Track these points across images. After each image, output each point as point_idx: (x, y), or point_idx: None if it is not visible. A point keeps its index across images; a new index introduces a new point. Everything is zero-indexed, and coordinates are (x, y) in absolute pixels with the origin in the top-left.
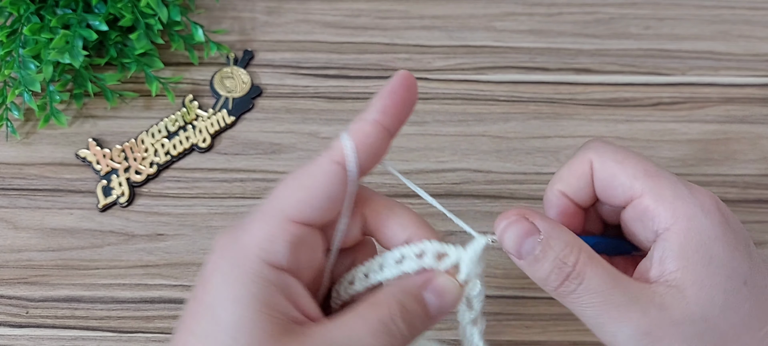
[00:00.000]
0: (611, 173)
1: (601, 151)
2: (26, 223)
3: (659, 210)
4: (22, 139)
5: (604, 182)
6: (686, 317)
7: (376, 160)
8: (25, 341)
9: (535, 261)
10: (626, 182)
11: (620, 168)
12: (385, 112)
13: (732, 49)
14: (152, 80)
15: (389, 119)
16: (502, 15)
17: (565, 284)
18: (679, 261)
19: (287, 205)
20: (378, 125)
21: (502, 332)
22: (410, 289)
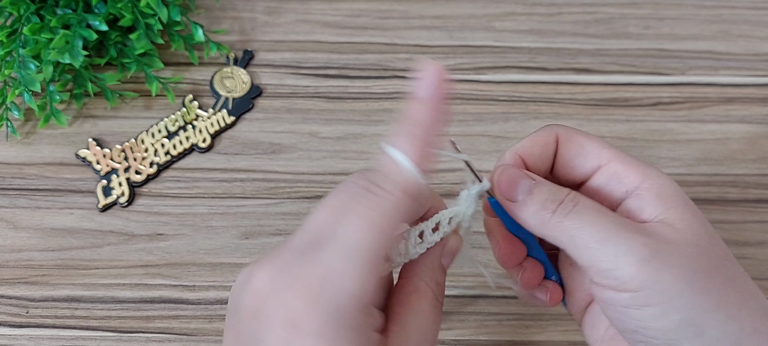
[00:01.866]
0: (579, 143)
1: (567, 128)
2: (26, 223)
3: (629, 172)
4: (22, 139)
5: (571, 152)
6: (682, 243)
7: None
8: (25, 340)
9: (530, 195)
10: (594, 150)
11: (587, 139)
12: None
13: (732, 49)
14: (152, 80)
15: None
16: (502, 15)
17: (563, 205)
18: (659, 205)
19: (375, 253)
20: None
21: (502, 332)
22: (435, 264)
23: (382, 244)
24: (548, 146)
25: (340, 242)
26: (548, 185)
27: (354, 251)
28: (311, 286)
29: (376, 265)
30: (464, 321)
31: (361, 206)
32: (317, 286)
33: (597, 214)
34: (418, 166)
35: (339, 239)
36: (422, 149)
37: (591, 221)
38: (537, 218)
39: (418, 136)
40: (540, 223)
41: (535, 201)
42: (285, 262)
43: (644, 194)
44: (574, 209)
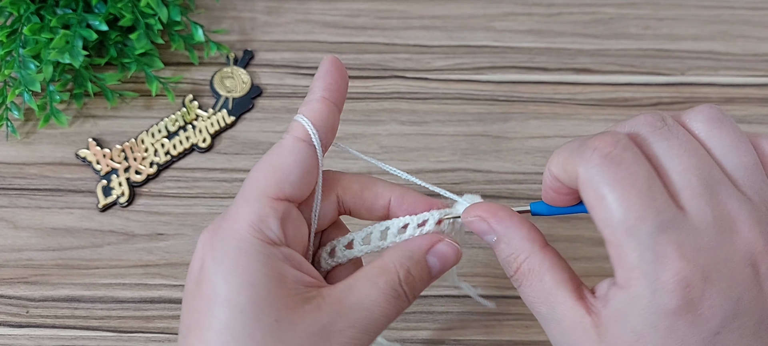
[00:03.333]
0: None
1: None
2: (26, 222)
3: (617, 268)
4: (22, 139)
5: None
6: None
7: (333, 134)
8: (25, 340)
9: (494, 250)
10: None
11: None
12: (329, 89)
13: (732, 49)
14: (152, 80)
15: (334, 95)
16: (501, 15)
17: (511, 280)
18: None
19: (267, 185)
20: (326, 101)
21: (502, 332)
22: (416, 254)
23: (276, 179)
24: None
25: (244, 185)
26: (504, 248)
27: (250, 186)
28: (215, 224)
29: (270, 197)
30: (464, 321)
31: (266, 155)
32: (218, 221)
33: (531, 298)
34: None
35: (244, 184)
36: (314, 106)
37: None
38: None
39: (312, 98)
40: None
41: (498, 257)
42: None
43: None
44: (520, 288)
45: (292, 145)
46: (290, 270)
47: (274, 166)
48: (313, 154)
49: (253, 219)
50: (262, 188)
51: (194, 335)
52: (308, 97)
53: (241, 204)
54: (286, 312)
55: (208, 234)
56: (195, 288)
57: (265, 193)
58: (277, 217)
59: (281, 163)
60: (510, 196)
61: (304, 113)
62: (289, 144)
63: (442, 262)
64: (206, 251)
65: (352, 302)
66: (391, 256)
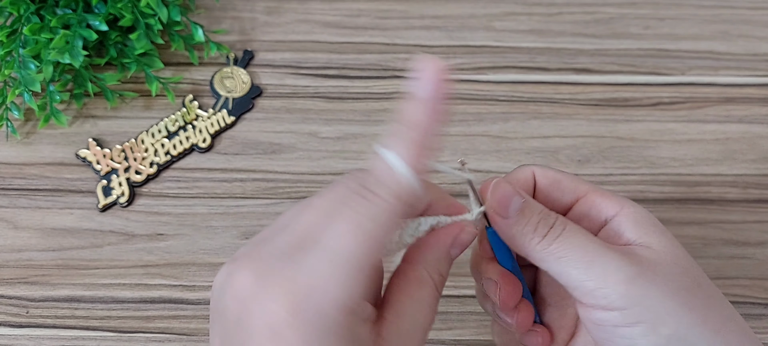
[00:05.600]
0: (556, 179)
1: (542, 166)
2: (26, 223)
3: (606, 202)
4: (22, 139)
5: (549, 186)
6: (664, 263)
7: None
8: (25, 340)
9: (521, 215)
10: (571, 185)
11: (563, 176)
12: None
13: (732, 49)
14: (152, 80)
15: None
16: (502, 15)
17: (553, 229)
18: (638, 230)
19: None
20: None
21: None
22: (442, 254)
23: (371, 251)
24: (527, 183)
25: (328, 248)
26: (538, 206)
27: (342, 257)
28: (295, 293)
29: (364, 272)
30: (464, 321)
31: (352, 210)
32: (301, 293)
33: (584, 238)
34: (413, 171)
35: (326, 245)
36: (418, 153)
37: (578, 244)
38: (525, 240)
39: (414, 139)
40: (528, 244)
41: (524, 222)
42: (267, 263)
43: (622, 220)
44: (563, 233)
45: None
46: (363, 330)
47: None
48: (411, 210)
49: (345, 299)
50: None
51: None
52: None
53: (332, 271)
54: None
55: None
56: None
57: (360, 269)
58: (366, 286)
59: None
60: None
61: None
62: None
63: (461, 248)
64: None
65: (409, 329)
66: (420, 262)
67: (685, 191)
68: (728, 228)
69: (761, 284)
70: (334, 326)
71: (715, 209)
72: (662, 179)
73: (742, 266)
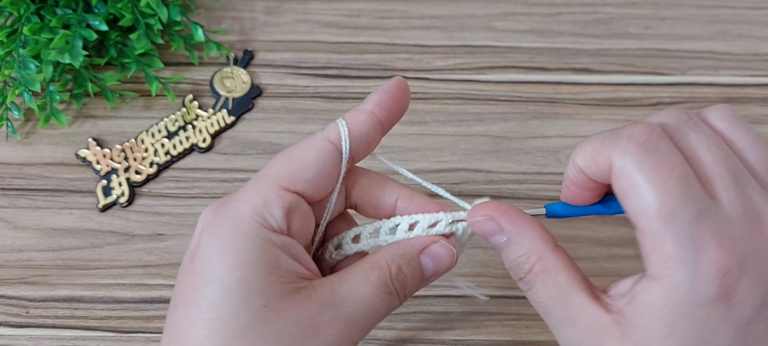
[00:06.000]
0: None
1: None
2: (26, 223)
3: (652, 257)
4: (22, 139)
5: (617, 193)
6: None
7: (368, 149)
8: (25, 341)
9: (501, 253)
10: (633, 212)
11: (634, 193)
12: (381, 106)
13: (732, 49)
14: (152, 80)
15: (383, 113)
16: (502, 15)
17: (520, 283)
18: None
19: (281, 174)
20: (373, 116)
21: (502, 332)
22: (409, 253)
23: (291, 169)
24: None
25: (258, 173)
26: (513, 249)
27: (262, 174)
28: (219, 203)
29: (281, 186)
30: (464, 321)
31: (291, 146)
32: (223, 209)
33: (544, 300)
34: (350, 127)
35: (258, 172)
36: (359, 116)
37: (539, 306)
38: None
39: (360, 108)
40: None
41: (505, 260)
42: (217, 202)
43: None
44: (530, 291)
45: (319, 143)
46: (286, 259)
47: (293, 158)
48: (337, 160)
49: (258, 203)
50: (274, 175)
51: (181, 311)
52: (359, 105)
53: (250, 187)
54: (276, 298)
55: (210, 210)
56: (189, 263)
57: (277, 181)
58: (282, 206)
59: (302, 158)
60: (510, 196)
61: (345, 119)
62: (317, 142)
63: (436, 264)
64: (205, 227)
65: (343, 295)
66: (385, 252)
67: None
68: None
69: None
70: (243, 225)
71: None
72: None
73: None
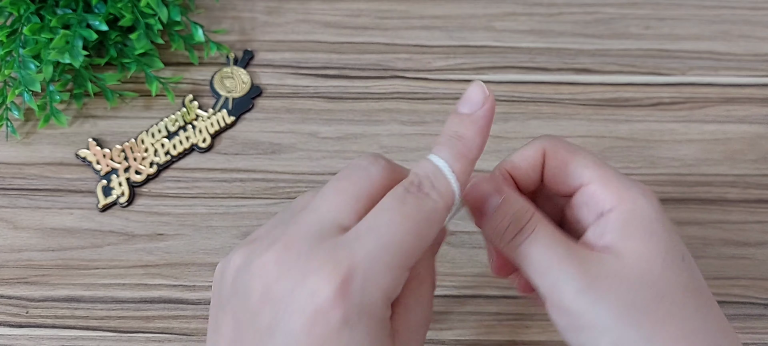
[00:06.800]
0: (564, 161)
1: (554, 142)
2: (26, 223)
3: (605, 194)
4: (22, 139)
5: (555, 169)
6: (624, 275)
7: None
8: (25, 340)
9: (497, 213)
10: (577, 170)
11: (572, 156)
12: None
13: (732, 49)
14: (152, 80)
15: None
16: (502, 15)
17: (519, 234)
18: (619, 234)
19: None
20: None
21: (502, 332)
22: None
23: (418, 248)
24: (536, 162)
25: (377, 233)
26: (513, 204)
27: (393, 246)
28: (343, 273)
29: (407, 266)
30: (464, 321)
31: (404, 204)
32: (350, 274)
33: (547, 242)
34: (459, 182)
35: (374, 229)
36: (465, 166)
37: (540, 250)
38: (496, 238)
39: (463, 153)
40: (498, 242)
41: (497, 221)
42: (299, 243)
43: (611, 219)
44: (530, 236)
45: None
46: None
47: (421, 235)
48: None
49: (389, 288)
50: (406, 258)
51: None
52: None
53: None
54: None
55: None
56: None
57: (409, 264)
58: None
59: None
60: None
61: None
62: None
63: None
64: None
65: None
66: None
67: (685, 191)
68: (728, 228)
69: (761, 284)
70: (375, 312)
71: (715, 209)
72: (662, 179)
73: (742, 266)
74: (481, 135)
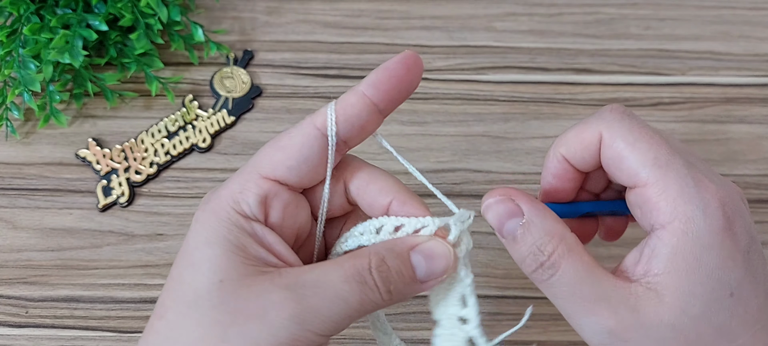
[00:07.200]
0: (619, 155)
1: (615, 127)
2: (26, 223)
3: (660, 205)
4: (22, 139)
5: (610, 161)
6: (656, 322)
7: (362, 134)
8: (25, 340)
9: (514, 242)
10: (633, 168)
11: (630, 150)
12: (377, 87)
13: (732, 49)
14: (152, 80)
15: (380, 95)
16: (502, 15)
17: (539, 271)
18: (665, 264)
19: (262, 162)
20: (365, 98)
21: (502, 332)
22: (396, 247)
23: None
24: (591, 148)
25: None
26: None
27: (247, 164)
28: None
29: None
30: None
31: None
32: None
33: (573, 284)
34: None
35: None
36: (349, 99)
37: (565, 291)
38: (521, 265)
39: (352, 90)
40: (524, 270)
41: (518, 250)
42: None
43: (662, 240)
44: (551, 279)
45: (305, 130)
46: (253, 245)
47: (277, 147)
48: (324, 146)
49: (235, 190)
50: (256, 163)
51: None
52: (353, 87)
53: (235, 175)
54: (233, 276)
55: (206, 196)
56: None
57: (256, 169)
58: (258, 194)
59: (286, 146)
60: None
61: (337, 103)
62: (303, 128)
63: (430, 263)
64: (198, 210)
65: (306, 280)
66: (372, 246)
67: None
68: None
69: None
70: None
71: None
72: None
73: None
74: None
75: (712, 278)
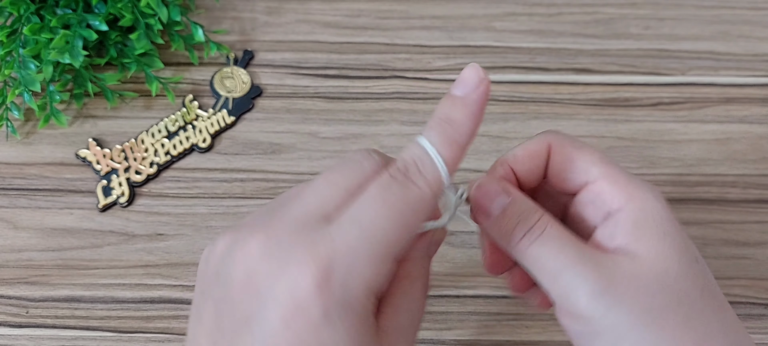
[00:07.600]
0: (569, 157)
1: (560, 137)
2: (26, 223)
3: (613, 192)
4: (22, 139)
5: (560, 165)
6: (641, 278)
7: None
8: (25, 341)
9: (504, 215)
10: (583, 166)
11: (578, 153)
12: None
13: (732, 49)
14: (152, 80)
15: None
16: (502, 15)
17: (527, 235)
18: (633, 234)
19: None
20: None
21: (502, 332)
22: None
23: (402, 237)
24: (538, 158)
25: (359, 224)
26: (521, 205)
27: (375, 236)
28: (322, 263)
29: (391, 257)
30: (464, 321)
31: (386, 191)
32: (329, 265)
33: (559, 244)
34: (448, 168)
35: (357, 220)
36: (456, 152)
37: (552, 252)
38: (503, 240)
39: (453, 138)
40: (507, 245)
41: (505, 222)
42: (283, 232)
43: (621, 219)
44: (540, 238)
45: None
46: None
47: (405, 224)
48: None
49: (372, 281)
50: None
51: None
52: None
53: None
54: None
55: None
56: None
57: (393, 255)
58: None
59: (412, 223)
60: None
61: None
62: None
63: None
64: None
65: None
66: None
67: (685, 191)
68: (728, 228)
69: (761, 284)
70: (355, 305)
71: (715, 209)
72: (662, 179)
73: (742, 266)
74: (473, 120)
75: (678, 243)
